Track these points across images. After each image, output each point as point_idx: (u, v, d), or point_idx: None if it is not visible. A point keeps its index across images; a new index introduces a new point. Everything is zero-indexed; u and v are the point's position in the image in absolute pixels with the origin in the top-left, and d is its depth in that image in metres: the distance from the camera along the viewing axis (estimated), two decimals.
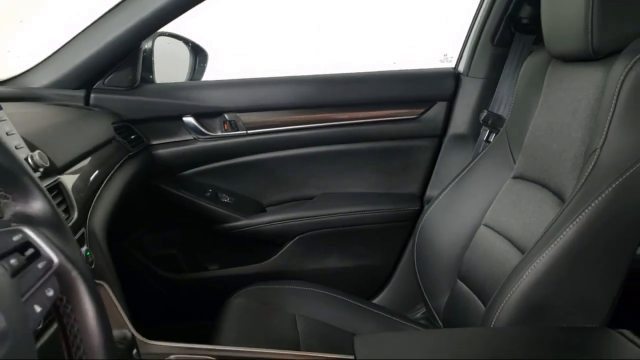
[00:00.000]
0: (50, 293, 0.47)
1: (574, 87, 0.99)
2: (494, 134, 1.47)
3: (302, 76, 1.56)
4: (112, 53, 1.32)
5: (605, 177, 0.85)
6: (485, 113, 1.48)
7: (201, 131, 1.50)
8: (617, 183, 0.83)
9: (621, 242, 0.88)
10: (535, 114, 1.09)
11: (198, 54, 1.67)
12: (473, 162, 1.23)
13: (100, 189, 1.07)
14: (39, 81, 1.30)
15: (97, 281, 0.82)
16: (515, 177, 1.12)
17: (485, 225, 1.14)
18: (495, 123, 1.44)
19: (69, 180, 0.93)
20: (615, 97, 0.86)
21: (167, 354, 0.90)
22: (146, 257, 1.53)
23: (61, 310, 0.51)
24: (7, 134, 0.81)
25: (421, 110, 1.57)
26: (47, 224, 0.52)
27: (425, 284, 1.28)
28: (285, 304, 1.26)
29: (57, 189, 0.86)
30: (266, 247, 1.58)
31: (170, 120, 1.48)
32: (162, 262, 1.55)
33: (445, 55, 1.86)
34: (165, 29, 1.38)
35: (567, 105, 1.01)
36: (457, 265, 1.18)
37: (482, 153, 1.23)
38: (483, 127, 1.52)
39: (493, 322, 0.89)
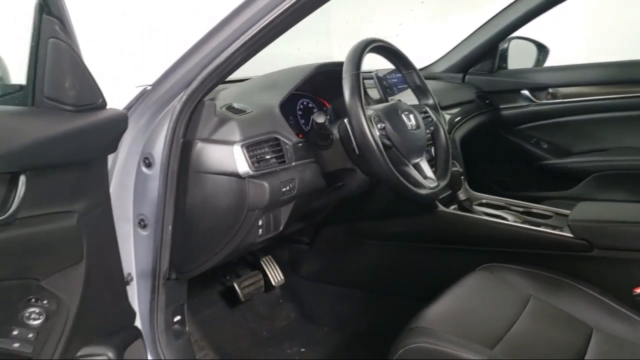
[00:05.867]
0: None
1: None
2: None
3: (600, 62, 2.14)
4: (480, 51, 2.21)
5: None
6: None
7: (532, 100, 2.24)
8: None
9: None
10: None
11: (541, 51, 2.33)
12: None
13: (456, 126, 1.94)
14: (439, 68, 2.32)
15: None
16: None
17: None
18: None
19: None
20: None
21: None
22: (490, 180, 2.34)
23: None
24: None
25: None
26: None
27: None
28: None
29: None
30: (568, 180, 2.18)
31: (512, 92, 2.26)
32: (498, 184, 2.34)
33: None
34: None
35: None
36: None
37: None
38: None
39: None
